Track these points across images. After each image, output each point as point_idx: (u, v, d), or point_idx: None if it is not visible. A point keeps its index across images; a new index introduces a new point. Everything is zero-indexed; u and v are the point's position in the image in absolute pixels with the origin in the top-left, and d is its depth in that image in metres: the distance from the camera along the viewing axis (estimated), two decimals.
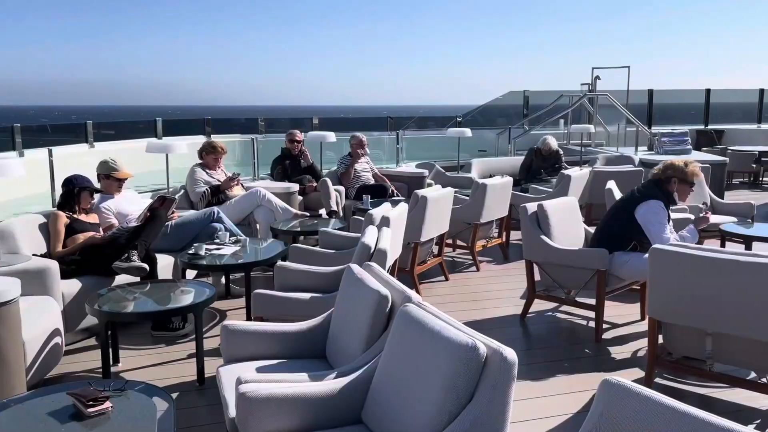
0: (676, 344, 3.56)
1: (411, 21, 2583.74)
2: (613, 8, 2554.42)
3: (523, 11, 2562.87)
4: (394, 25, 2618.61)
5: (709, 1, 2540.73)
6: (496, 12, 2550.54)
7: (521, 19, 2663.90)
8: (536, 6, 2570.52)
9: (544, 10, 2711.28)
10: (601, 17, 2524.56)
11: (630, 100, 12.68)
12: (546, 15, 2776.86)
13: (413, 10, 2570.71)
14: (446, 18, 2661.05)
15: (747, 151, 12.62)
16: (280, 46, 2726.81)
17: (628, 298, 5.05)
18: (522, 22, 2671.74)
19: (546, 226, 4.65)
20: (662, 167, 4.46)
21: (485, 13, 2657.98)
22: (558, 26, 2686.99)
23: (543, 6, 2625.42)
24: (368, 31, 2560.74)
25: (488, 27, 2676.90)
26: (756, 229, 5.78)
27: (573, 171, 7.09)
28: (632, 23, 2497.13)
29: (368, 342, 2.68)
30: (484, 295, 5.50)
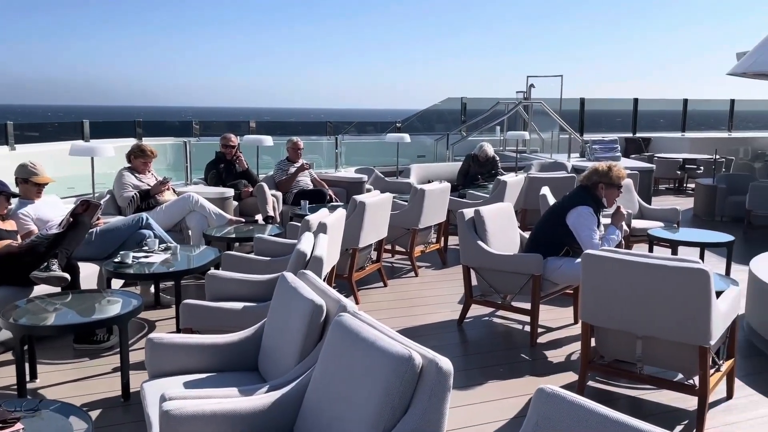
0: (607, 348, 3.63)
1: (353, 23, 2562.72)
2: (547, 17, 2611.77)
3: (461, 18, 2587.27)
4: (337, 27, 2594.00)
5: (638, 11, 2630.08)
6: (435, 18, 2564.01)
7: (458, 25, 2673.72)
8: (473, 13, 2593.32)
9: (481, 17, 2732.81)
10: (535, 27, 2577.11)
11: (563, 107, 13.05)
12: (483, 22, 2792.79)
13: (355, 13, 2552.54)
14: (387, 22, 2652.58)
15: (672, 159, 13.19)
16: (218, 45, 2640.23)
17: (562, 302, 5.14)
18: (459, 29, 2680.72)
19: (483, 232, 4.68)
20: (587, 173, 4.56)
21: (424, 18, 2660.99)
22: (494, 34, 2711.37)
23: (480, 13, 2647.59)
24: (309, 33, 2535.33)
25: (427, 32, 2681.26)
26: (681, 233, 6.01)
27: (509, 177, 7.20)
28: (565, 33, 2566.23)
29: (302, 353, 2.60)
30: (422, 301, 5.48)
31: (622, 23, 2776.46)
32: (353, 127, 12.60)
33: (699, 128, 16.53)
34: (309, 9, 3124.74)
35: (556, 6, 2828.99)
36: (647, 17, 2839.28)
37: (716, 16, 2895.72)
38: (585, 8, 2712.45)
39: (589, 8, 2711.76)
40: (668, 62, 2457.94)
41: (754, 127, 17.51)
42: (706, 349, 3.19)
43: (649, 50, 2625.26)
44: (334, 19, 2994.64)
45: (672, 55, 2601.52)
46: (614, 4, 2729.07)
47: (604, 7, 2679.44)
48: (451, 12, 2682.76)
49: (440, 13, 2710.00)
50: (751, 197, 8.47)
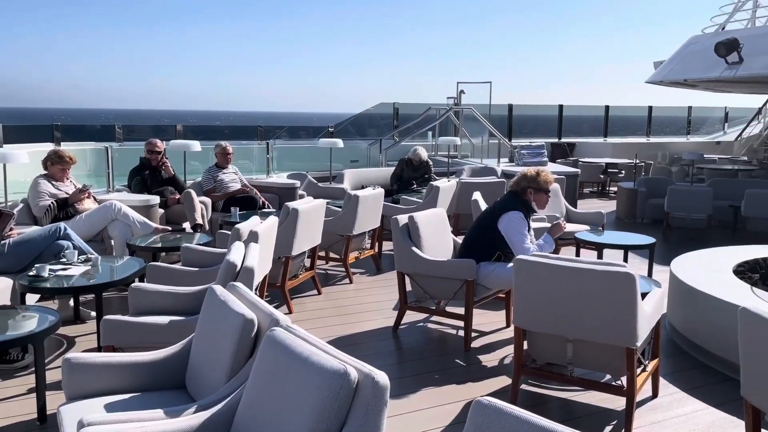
0: (539, 351, 3.69)
1: (285, 24, 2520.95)
2: (476, 24, 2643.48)
3: (393, 23, 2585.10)
4: (268, 28, 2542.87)
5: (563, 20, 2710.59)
6: (367, 22, 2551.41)
7: (390, 31, 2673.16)
8: (405, 18, 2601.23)
9: (413, 22, 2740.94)
10: (465, 33, 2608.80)
11: (492, 113, 13.33)
12: (414, 28, 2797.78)
13: (285, 14, 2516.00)
14: (319, 24, 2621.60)
15: (595, 163, 13.69)
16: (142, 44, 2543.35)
17: (494, 305, 5.20)
18: (391, 34, 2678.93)
19: (417, 238, 4.68)
20: (516, 179, 4.64)
21: (357, 22, 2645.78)
22: (426, 40, 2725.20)
23: (412, 18, 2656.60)
24: (238, 33, 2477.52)
25: (359, 37, 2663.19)
26: (606, 236, 6.21)
27: (441, 182, 7.26)
28: (493, 40, 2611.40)
29: (232, 370, 2.49)
30: (356, 308, 5.43)
31: (547, 32, 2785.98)
32: (285, 132, 12.43)
33: (620, 134, 17.26)
34: (237, 8, 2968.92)
35: (484, 13, 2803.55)
36: (572, 27, 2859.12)
37: (636, 26, 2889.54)
38: (512, 16, 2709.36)
39: (516, 17, 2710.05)
40: (591, 70, 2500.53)
41: (671, 133, 18.44)
42: (633, 350, 3.29)
43: (574, 58, 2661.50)
44: (265, 20, 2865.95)
45: (595, 64, 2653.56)
46: (540, 13, 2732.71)
47: (531, 16, 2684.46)
48: (382, 17, 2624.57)
49: (372, 18, 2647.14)
50: (669, 200, 8.88)
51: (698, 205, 8.70)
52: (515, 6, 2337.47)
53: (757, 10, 10.50)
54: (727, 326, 4.06)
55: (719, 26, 10.86)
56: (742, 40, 9.40)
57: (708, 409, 3.62)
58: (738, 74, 9.47)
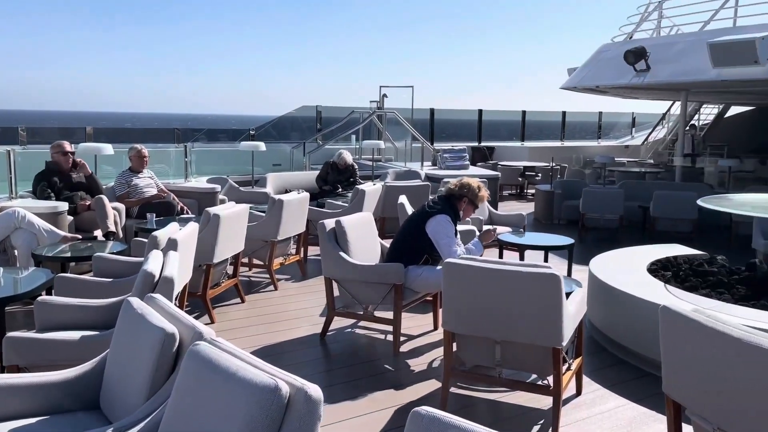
0: (468, 354, 3.69)
1: (204, 24, 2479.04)
2: (399, 29, 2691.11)
3: (316, 26, 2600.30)
4: (185, 27, 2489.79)
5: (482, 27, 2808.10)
6: (289, 25, 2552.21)
7: (313, 34, 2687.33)
8: (328, 22, 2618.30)
9: (336, 26, 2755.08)
10: (388, 38, 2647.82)
11: (414, 117, 13.46)
12: (337, 31, 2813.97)
13: (204, 14, 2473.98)
14: (240, 25, 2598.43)
15: (514, 166, 14.09)
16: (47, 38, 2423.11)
17: (422, 308, 5.20)
18: (313, 37, 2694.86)
19: (344, 243, 4.61)
20: (459, 184, 4.66)
21: (279, 24, 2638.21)
22: (348, 44, 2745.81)
23: (335, 22, 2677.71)
24: (153, 32, 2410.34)
25: (281, 39, 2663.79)
26: (528, 238, 6.36)
27: (367, 186, 7.23)
28: (416, 45, 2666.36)
29: (152, 388, 2.33)
30: (282, 316, 5.29)
31: (468, 39, 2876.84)
32: (204, 135, 12.05)
33: (536, 138, 17.86)
34: (152, 6, 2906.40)
35: (406, 19, 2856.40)
36: (491, 35, 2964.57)
37: (551, 35, 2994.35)
38: (434, 23, 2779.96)
39: (437, 23, 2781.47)
40: (510, 76, 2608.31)
41: (583, 137, 19.26)
42: (559, 349, 3.35)
43: (493, 65, 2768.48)
44: (182, 18, 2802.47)
45: (513, 70, 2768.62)
46: (460, 21, 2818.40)
47: (452, 24, 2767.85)
48: (305, 20, 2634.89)
49: (294, 21, 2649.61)
50: (584, 201, 9.22)
51: (611, 206, 9.09)
52: (437, 14, 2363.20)
53: (661, 21, 11.11)
54: (643, 323, 4.23)
55: (627, 35, 11.42)
56: (649, 49, 9.92)
57: (629, 404, 3.75)
58: (646, 81, 9.99)
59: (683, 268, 5.15)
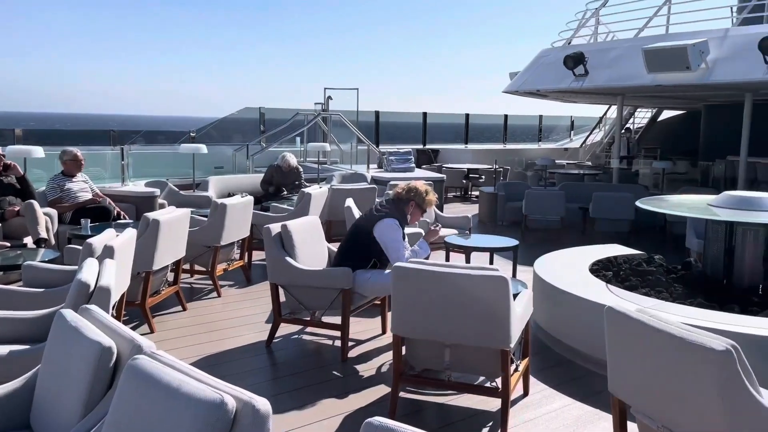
0: (417, 358, 3.67)
1: (141, 20, 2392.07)
2: (344, 32, 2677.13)
3: (258, 27, 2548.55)
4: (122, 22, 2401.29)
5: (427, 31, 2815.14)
6: (231, 25, 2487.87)
7: (255, 34, 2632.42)
8: (270, 23, 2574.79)
9: (279, 26, 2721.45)
10: (332, 40, 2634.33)
11: (359, 119, 13.43)
12: (279, 33, 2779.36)
13: (142, 11, 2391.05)
14: (181, 23, 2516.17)
15: (458, 169, 14.25)
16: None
17: (370, 313, 5.16)
18: (256, 38, 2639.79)
19: (290, 247, 4.52)
20: (407, 188, 4.64)
21: (221, 24, 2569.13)
22: (291, 45, 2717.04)
23: (278, 23, 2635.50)
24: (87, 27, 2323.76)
25: (223, 39, 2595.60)
26: (473, 240, 6.41)
27: (313, 189, 7.14)
28: (360, 47, 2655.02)
29: (87, 406, 2.20)
30: (226, 323, 5.15)
31: (412, 41, 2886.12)
32: (141, 137, 11.67)
33: (480, 140, 18.13)
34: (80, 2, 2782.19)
35: (351, 21, 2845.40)
36: (436, 39, 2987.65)
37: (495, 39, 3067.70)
38: (378, 26, 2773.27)
39: (382, 26, 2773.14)
40: (454, 79, 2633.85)
41: (525, 140, 19.69)
42: (508, 351, 3.37)
43: (437, 68, 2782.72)
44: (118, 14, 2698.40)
45: (457, 73, 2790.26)
46: (404, 23, 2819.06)
47: (396, 26, 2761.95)
48: (248, 20, 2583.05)
49: (237, 21, 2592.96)
50: (526, 203, 9.39)
51: (552, 208, 9.29)
52: (381, 17, 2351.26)
53: (598, 27, 11.45)
54: (587, 323, 4.32)
55: (566, 41, 11.72)
56: (587, 54, 10.21)
57: (575, 403, 3.81)
58: (584, 86, 10.26)
59: (623, 267, 5.29)
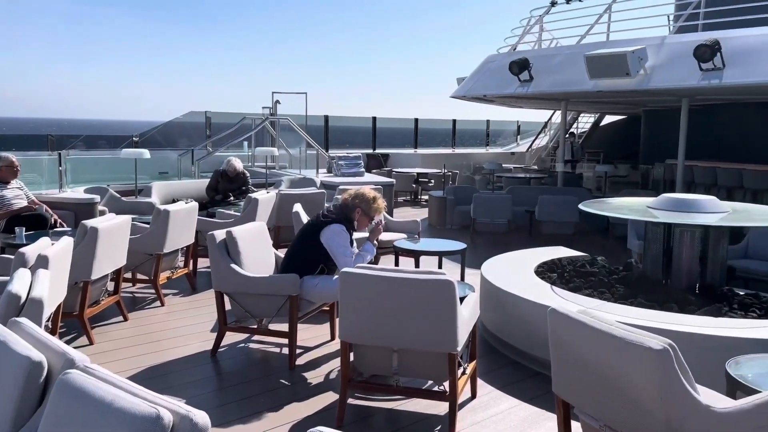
0: (365, 364, 3.65)
1: (80, 23, 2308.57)
2: (291, 35, 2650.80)
3: (204, 30, 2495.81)
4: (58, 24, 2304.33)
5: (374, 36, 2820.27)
6: (176, 24, 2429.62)
7: (201, 37, 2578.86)
8: (217, 25, 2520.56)
9: (226, 30, 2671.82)
10: (280, 44, 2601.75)
11: (308, 124, 13.34)
12: (227, 36, 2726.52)
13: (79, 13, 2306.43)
14: (123, 25, 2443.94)
15: (408, 173, 14.32)
16: None
17: (319, 319, 5.11)
18: (201, 41, 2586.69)
19: (236, 254, 4.43)
20: (353, 194, 4.59)
21: (164, 28, 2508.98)
22: (240, 49, 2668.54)
23: (224, 25, 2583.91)
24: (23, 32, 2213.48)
25: (167, 42, 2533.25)
26: (422, 244, 6.43)
27: (260, 194, 7.04)
28: (309, 51, 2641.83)
29: (15, 423, 2.09)
30: (169, 333, 5.01)
31: (362, 46, 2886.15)
32: (81, 141, 11.29)
33: (429, 145, 18.28)
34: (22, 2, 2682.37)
35: (300, 26, 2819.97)
36: (385, 41, 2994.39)
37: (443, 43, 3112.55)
38: (326, 30, 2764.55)
39: (330, 30, 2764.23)
40: (403, 84, 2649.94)
41: (473, 144, 19.96)
42: (455, 355, 3.38)
43: (387, 72, 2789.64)
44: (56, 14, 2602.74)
45: (407, 78, 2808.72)
46: (353, 27, 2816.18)
47: (344, 30, 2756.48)
48: (192, 22, 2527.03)
49: (181, 22, 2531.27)
50: (474, 207, 9.51)
51: (500, 211, 9.44)
52: (329, 21, 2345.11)
53: (542, 34, 11.72)
54: (532, 324, 4.38)
55: (512, 47, 11.94)
56: (532, 60, 10.42)
57: (521, 404, 3.85)
58: (529, 91, 10.47)
59: (567, 269, 5.40)
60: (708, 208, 4.90)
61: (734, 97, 10.85)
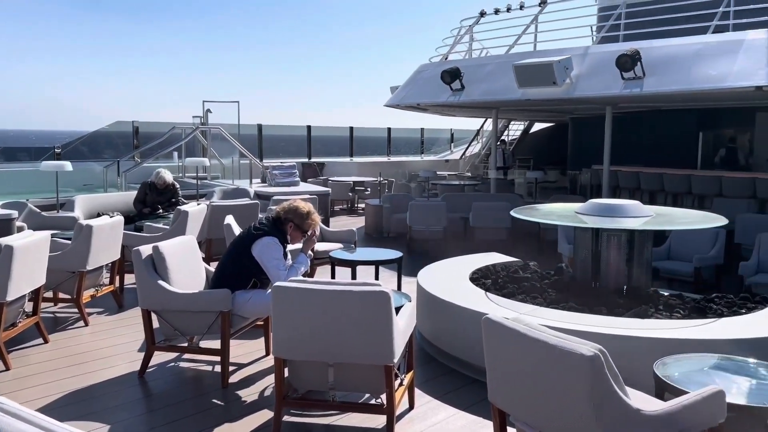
0: (301, 380, 3.57)
1: None
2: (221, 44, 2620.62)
3: (131, 33, 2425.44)
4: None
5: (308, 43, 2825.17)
6: (101, 31, 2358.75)
7: (128, 42, 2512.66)
8: (145, 32, 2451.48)
9: (155, 34, 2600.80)
10: (210, 53, 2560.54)
11: (241, 133, 13.11)
12: (155, 41, 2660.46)
13: None
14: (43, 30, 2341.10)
15: (344, 182, 14.27)
16: None
17: (252, 334, 4.98)
18: (129, 46, 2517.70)
19: (163, 270, 4.26)
20: (286, 208, 4.48)
21: (92, 35, 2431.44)
22: (166, 57, 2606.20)
23: (152, 32, 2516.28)
24: None
25: (90, 46, 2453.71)
26: (358, 253, 6.40)
27: (190, 206, 6.82)
28: (240, 60, 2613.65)
29: None
30: (94, 355, 4.76)
31: (295, 54, 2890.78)
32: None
33: (364, 153, 18.30)
34: None
35: (231, 33, 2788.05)
36: (319, 50, 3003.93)
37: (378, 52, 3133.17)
38: (260, 39, 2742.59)
39: (263, 40, 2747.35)
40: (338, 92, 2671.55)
41: (408, 152, 20.12)
42: (392, 367, 3.35)
43: (322, 81, 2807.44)
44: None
45: (341, 86, 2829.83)
46: (285, 34, 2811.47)
47: (277, 38, 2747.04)
48: (119, 28, 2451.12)
49: (107, 29, 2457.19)
50: (410, 215, 9.55)
51: (435, 219, 9.51)
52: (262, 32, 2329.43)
53: (473, 44, 11.94)
54: (468, 331, 4.40)
55: (443, 56, 12.11)
56: (463, 70, 10.59)
57: (459, 413, 3.85)
58: (461, 100, 10.63)
59: (501, 275, 5.47)
60: (633, 212, 5.07)
61: (655, 105, 11.36)
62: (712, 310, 4.47)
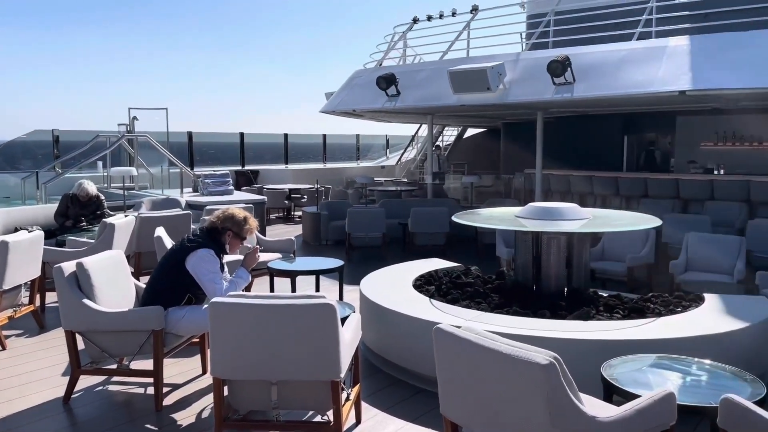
0: (242, 400, 3.38)
1: None
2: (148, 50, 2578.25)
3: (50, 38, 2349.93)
4: None
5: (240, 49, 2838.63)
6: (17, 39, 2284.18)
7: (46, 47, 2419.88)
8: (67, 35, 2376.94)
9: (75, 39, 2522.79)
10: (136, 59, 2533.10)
11: (170, 140, 12.64)
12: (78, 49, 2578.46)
13: None
14: None
15: (279, 189, 14.00)
16: None
17: (188, 352, 4.72)
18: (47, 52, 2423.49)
19: (89, 288, 3.96)
20: (222, 216, 4.27)
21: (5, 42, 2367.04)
22: (91, 61, 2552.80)
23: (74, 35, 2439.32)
24: None
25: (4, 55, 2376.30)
26: (298, 263, 6.22)
27: (117, 219, 6.46)
28: (169, 66, 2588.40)
29: None
30: (12, 381, 4.38)
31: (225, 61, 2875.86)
32: None
33: (300, 160, 18.05)
34: None
35: (156, 36, 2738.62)
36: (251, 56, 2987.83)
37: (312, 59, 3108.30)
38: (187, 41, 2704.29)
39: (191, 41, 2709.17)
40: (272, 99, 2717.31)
41: (345, 159, 19.99)
42: (338, 382, 3.21)
43: (254, 88, 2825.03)
44: None
45: (275, 93, 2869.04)
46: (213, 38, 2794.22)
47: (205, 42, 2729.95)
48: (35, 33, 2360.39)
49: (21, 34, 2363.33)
50: (349, 221, 9.43)
51: (374, 225, 9.42)
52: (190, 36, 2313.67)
53: (407, 50, 11.95)
54: (413, 340, 4.31)
55: (378, 62, 12.07)
56: (398, 76, 10.57)
57: (407, 425, 3.74)
58: (397, 105, 10.60)
59: (444, 281, 5.42)
60: (571, 215, 5.13)
61: (584, 110, 11.69)
62: (650, 309, 4.56)
